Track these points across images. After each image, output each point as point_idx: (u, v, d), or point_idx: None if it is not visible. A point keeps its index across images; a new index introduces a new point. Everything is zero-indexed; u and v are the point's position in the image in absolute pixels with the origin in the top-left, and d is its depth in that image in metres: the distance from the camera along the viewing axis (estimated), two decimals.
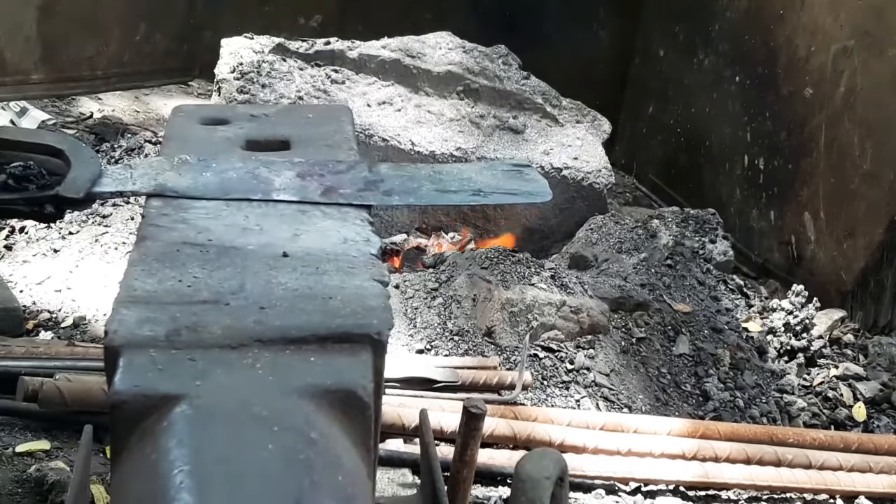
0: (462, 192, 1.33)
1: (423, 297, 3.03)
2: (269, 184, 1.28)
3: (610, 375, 2.92)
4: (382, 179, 1.32)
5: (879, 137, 3.62)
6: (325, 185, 1.29)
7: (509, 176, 1.38)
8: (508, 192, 1.35)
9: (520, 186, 1.36)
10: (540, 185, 1.37)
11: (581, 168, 4.03)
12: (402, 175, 1.34)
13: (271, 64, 3.84)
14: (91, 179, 1.23)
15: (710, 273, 3.61)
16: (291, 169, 1.32)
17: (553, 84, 4.27)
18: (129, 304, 1.00)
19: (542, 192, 1.36)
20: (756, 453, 2.62)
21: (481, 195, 1.33)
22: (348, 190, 1.29)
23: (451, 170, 1.39)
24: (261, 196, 1.25)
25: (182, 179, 1.26)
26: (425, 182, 1.33)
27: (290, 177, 1.30)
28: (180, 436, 0.85)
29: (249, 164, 1.32)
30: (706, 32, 4.86)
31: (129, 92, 5.10)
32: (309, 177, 1.30)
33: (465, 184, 1.34)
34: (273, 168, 1.32)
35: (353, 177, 1.32)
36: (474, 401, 1.64)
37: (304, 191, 1.27)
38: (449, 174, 1.36)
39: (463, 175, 1.37)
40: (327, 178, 1.31)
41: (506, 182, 1.36)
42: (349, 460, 0.91)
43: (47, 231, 3.17)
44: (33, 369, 2.26)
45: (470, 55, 4.16)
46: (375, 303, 1.04)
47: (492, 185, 1.35)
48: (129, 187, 1.24)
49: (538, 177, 1.39)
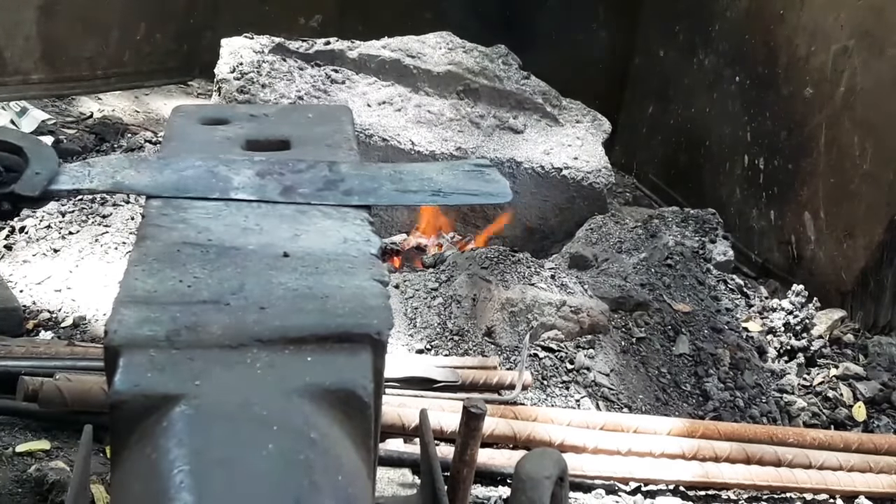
0: (422, 193, 1.32)
1: (423, 297, 3.03)
2: (227, 182, 1.27)
3: (610, 375, 2.92)
4: (342, 179, 1.31)
5: (879, 137, 3.62)
6: (285, 185, 1.28)
7: (470, 176, 1.38)
8: (468, 192, 1.34)
9: (480, 187, 1.36)
10: (500, 185, 1.37)
11: (581, 168, 4.03)
12: (362, 175, 1.34)
13: (271, 64, 3.84)
14: (48, 177, 1.23)
15: (710, 273, 3.61)
16: (251, 167, 1.31)
17: (553, 84, 4.27)
18: (129, 303, 1.00)
19: (503, 192, 1.36)
20: (756, 453, 2.62)
21: (441, 195, 1.33)
22: (307, 189, 1.28)
23: (413, 170, 1.38)
24: (219, 194, 1.24)
25: (140, 177, 1.26)
26: (386, 182, 1.33)
27: (249, 175, 1.29)
28: (180, 436, 0.85)
29: (209, 162, 1.32)
30: (706, 32, 4.86)
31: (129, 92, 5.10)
32: (268, 175, 1.30)
33: (425, 184, 1.34)
34: (232, 166, 1.31)
35: (313, 176, 1.31)
36: (474, 401, 1.64)
37: (262, 190, 1.26)
38: (410, 174, 1.36)
39: (424, 175, 1.36)
40: (287, 178, 1.30)
41: (466, 182, 1.36)
42: (349, 460, 0.91)
43: (47, 231, 3.17)
44: (33, 369, 2.26)
45: (470, 55, 4.16)
46: (375, 302, 1.04)
47: (452, 185, 1.35)
48: (86, 185, 1.24)
49: (499, 177, 1.39)
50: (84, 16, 4.82)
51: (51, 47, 4.70)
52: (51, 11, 4.63)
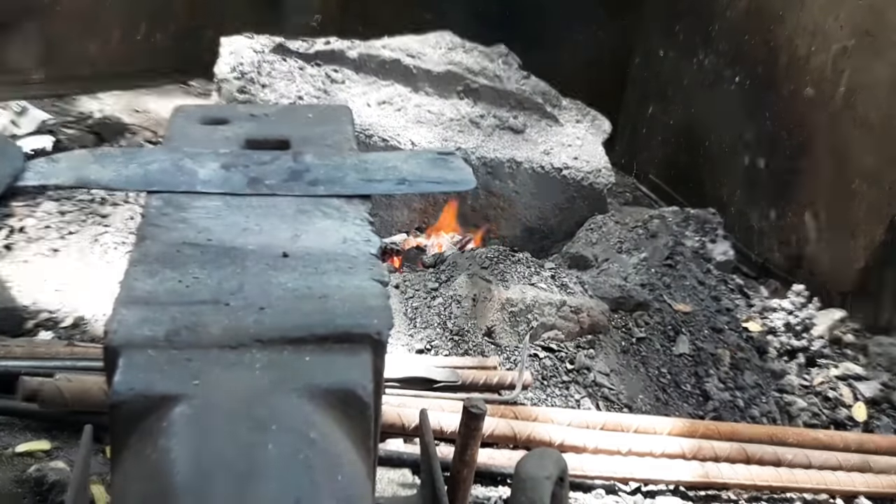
0: (387, 182, 1.33)
1: (423, 297, 3.03)
2: (193, 175, 1.28)
3: (610, 375, 2.92)
4: (308, 169, 1.32)
5: (879, 137, 3.62)
6: (250, 176, 1.29)
7: (434, 165, 1.39)
8: (433, 180, 1.35)
9: (444, 175, 1.37)
10: (464, 173, 1.38)
11: (581, 168, 4.03)
12: (327, 165, 1.34)
13: (271, 64, 3.84)
14: (13, 175, 1.23)
15: (710, 273, 3.61)
16: (216, 160, 1.32)
17: (553, 84, 4.28)
18: (129, 304, 1.00)
19: (467, 180, 1.37)
20: (756, 453, 2.62)
21: (406, 184, 1.33)
22: (273, 181, 1.29)
23: (377, 159, 1.38)
24: (185, 188, 1.25)
25: (105, 172, 1.27)
26: (351, 171, 1.33)
27: (214, 168, 1.30)
28: (180, 436, 0.85)
29: (174, 156, 1.32)
30: (706, 32, 4.86)
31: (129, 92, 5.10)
32: (234, 168, 1.30)
33: (390, 173, 1.35)
34: (198, 159, 1.32)
35: (278, 167, 1.32)
36: (474, 401, 1.64)
37: (228, 182, 1.27)
38: (374, 163, 1.36)
39: (388, 164, 1.37)
40: (252, 169, 1.30)
41: (431, 171, 1.37)
42: (349, 460, 0.90)
43: (47, 231, 3.17)
44: (33, 369, 2.26)
45: (470, 55, 4.16)
46: (375, 303, 1.04)
47: (417, 173, 1.36)
48: (51, 181, 1.25)
49: (463, 165, 1.40)
50: (84, 16, 4.82)
51: (51, 47, 4.70)
52: (51, 12, 4.63)
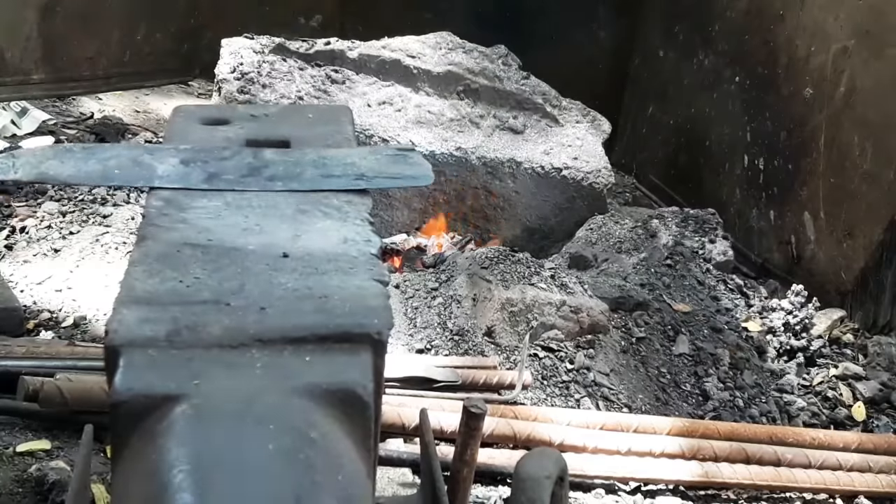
0: (345, 177, 1.33)
1: (423, 297, 3.03)
2: (151, 170, 1.28)
3: (610, 375, 2.92)
4: (266, 165, 1.32)
5: (879, 137, 3.62)
6: (209, 172, 1.29)
7: (393, 161, 1.39)
8: (391, 176, 1.36)
9: (402, 171, 1.37)
10: (423, 168, 1.38)
11: (581, 168, 4.03)
12: (286, 160, 1.34)
13: (271, 64, 3.84)
14: None
15: (709, 273, 3.61)
16: (175, 156, 1.32)
17: (553, 84, 4.28)
18: (130, 304, 1.00)
19: (425, 175, 1.37)
20: (756, 453, 2.62)
21: (364, 180, 1.33)
22: (231, 176, 1.29)
23: (336, 155, 1.39)
24: (143, 183, 1.26)
25: (64, 167, 1.28)
26: (309, 167, 1.33)
27: (173, 164, 1.30)
28: (180, 436, 0.85)
29: (133, 151, 1.33)
30: (706, 32, 4.86)
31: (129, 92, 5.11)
32: (192, 163, 1.31)
33: (348, 168, 1.35)
34: (157, 155, 1.32)
35: (237, 163, 1.32)
36: (474, 401, 1.64)
37: (186, 178, 1.27)
38: (333, 159, 1.37)
39: (347, 160, 1.37)
40: (211, 165, 1.31)
41: (389, 167, 1.37)
42: (349, 460, 0.91)
43: (48, 231, 3.17)
44: (34, 369, 2.26)
45: (470, 55, 4.16)
46: (375, 302, 1.04)
47: (375, 169, 1.36)
48: (10, 176, 1.26)
49: (422, 160, 1.40)
50: (84, 16, 4.82)
51: (51, 47, 4.70)
52: (51, 12, 4.63)
